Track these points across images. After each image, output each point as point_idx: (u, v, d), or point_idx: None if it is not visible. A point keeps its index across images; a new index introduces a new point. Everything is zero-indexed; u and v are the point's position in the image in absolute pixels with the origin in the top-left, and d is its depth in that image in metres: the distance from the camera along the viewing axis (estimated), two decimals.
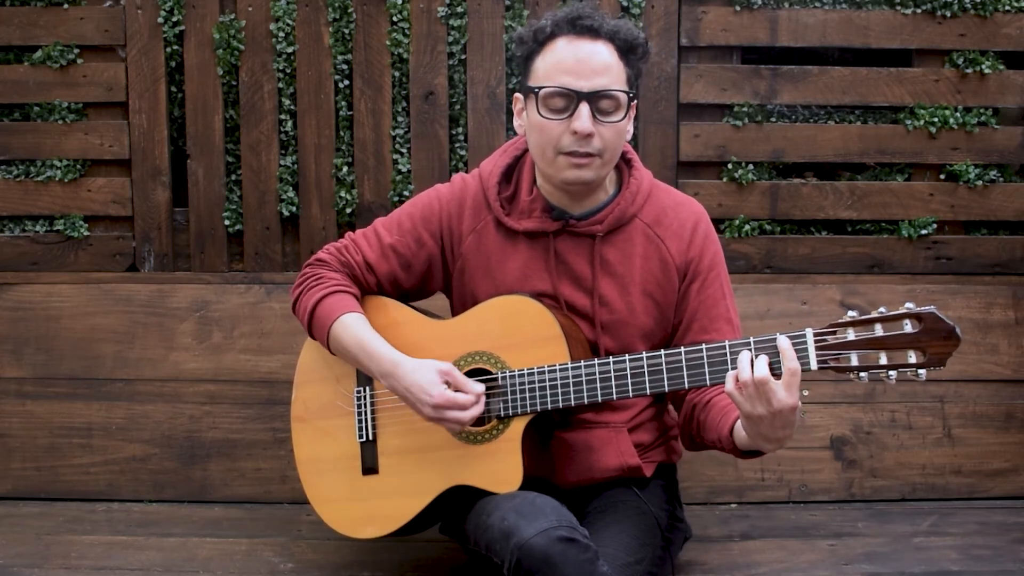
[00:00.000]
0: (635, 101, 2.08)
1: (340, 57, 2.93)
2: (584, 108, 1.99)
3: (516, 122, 2.14)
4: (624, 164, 2.19)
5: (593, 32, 2.01)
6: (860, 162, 2.96)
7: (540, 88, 2.02)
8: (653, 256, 2.15)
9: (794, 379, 1.79)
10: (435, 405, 2.00)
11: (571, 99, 2.00)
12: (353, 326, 2.11)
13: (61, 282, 2.95)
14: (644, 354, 1.97)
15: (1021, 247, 2.96)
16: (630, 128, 2.11)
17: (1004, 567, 2.31)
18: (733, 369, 1.85)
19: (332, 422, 2.20)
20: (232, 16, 2.93)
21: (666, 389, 1.96)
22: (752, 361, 1.81)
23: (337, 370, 2.20)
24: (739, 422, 1.93)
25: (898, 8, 2.90)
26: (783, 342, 1.82)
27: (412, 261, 2.21)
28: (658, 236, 2.15)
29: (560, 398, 2.00)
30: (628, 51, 2.04)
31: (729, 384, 1.83)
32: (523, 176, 2.18)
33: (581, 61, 2.00)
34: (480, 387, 2.02)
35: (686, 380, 1.94)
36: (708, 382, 1.92)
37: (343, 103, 2.97)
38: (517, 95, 2.13)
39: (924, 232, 2.94)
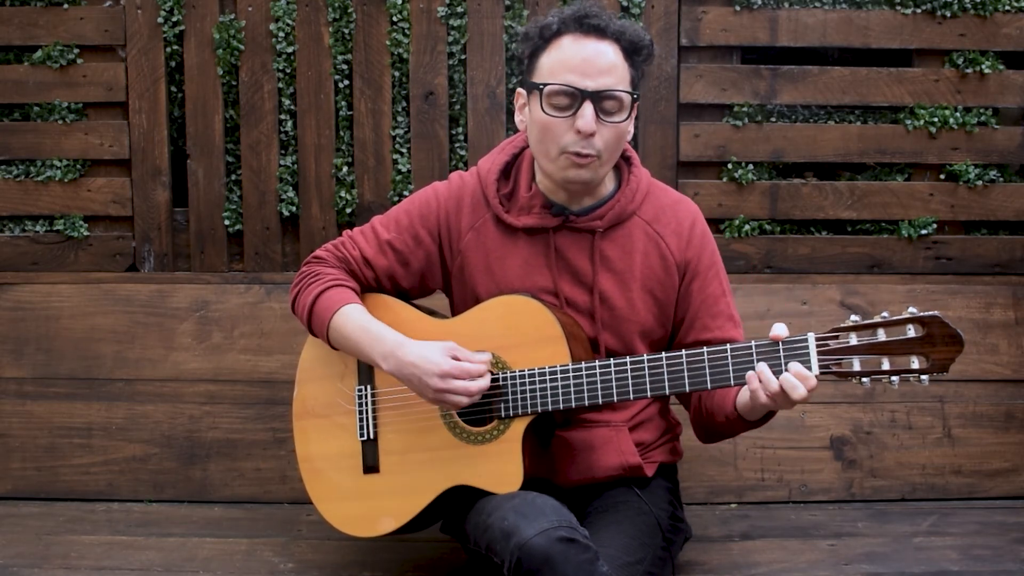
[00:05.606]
0: (637, 102, 2.08)
1: (340, 57, 2.93)
2: (588, 107, 1.99)
3: (517, 117, 2.14)
4: (623, 162, 2.19)
5: (599, 31, 2.01)
6: (860, 162, 2.96)
7: (545, 85, 2.02)
8: (653, 253, 2.15)
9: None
10: (443, 373, 1.98)
11: (575, 98, 2.00)
12: (354, 314, 2.10)
13: (61, 282, 2.95)
14: (645, 356, 1.97)
15: (1021, 247, 2.96)
16: (631, 128, 2.11)
17: (1004, 567, 2.31)
18: (743, 380, 1.90)
19: (333, 420, 2.20)
20: (232, 16, 2.93)
21: (667, 392, 1.96)
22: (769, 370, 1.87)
23: (338, 368, 2.20)
24: (739, 400, 2.01)
25: (898, 8, 2.90)
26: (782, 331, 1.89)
27: (410, 258, 2.21)
28: (657, 233, 2.16)
29: (561, 399, 2.00)
30: (633, 52, 2.04)
31: (762, 397, 1.87)
32: (522, 173, 2.18)
33: (587, 60, 2.00)
34: (487, 355, 2.01)
35: (687, 383, 1.94)
36: (709, 386, 1.93)
37: (343, 103, 2.96)
38: (520, 90, 2.12)
39: (924, 232, 2.94)
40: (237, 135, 2.98)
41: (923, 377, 1.80)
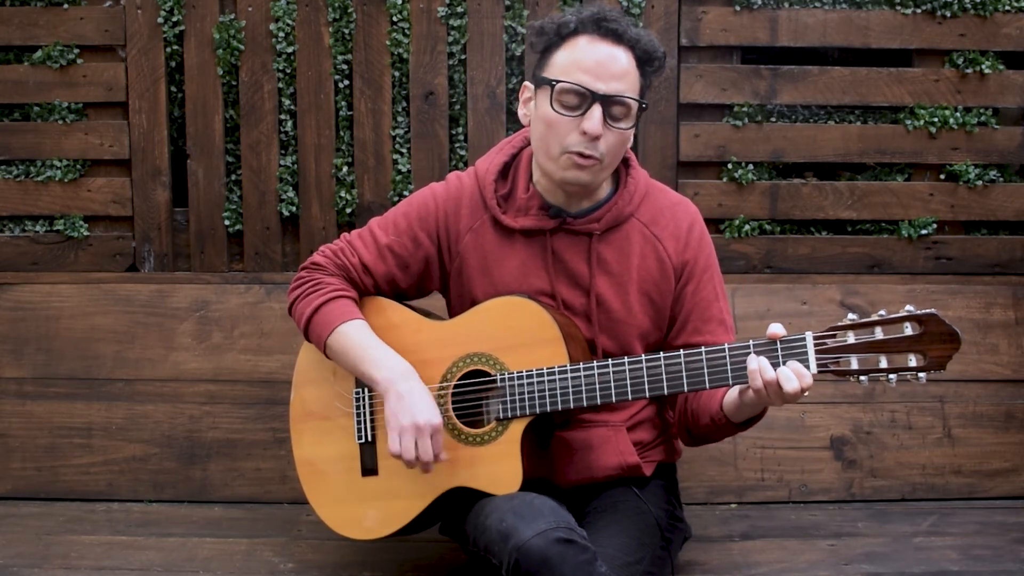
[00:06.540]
0: (645, 111, 2.08)
1: (340, 57, 2.93)
2: (597, 110, 1.99)
3: (521, 111, 2.14)
4: (621, 164, 2.19)
5: (616, 36, 2.01)
6: (860, 162, 2.96)
7: (557, 82, 2.01)
8: (650, 255, 2.15)
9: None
10: (419, 426, 1.99)
11: (586, 98, 2.00)
12: (353, 333, 2.10)
13: (61, 282, 2.95)
14: (643, 357, 1.97)
15: (1021, 247, 2.96)
16: (631, 136, 2.11)
17: (1004, 567, 2.31)
18: (743, 374, 1.89)
19: (331, 423, 2.20)
20: (232, 16, 2.93)
21: (665, 392, 1.96)
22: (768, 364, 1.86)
23: (336, 371, 2.20)
24: (727, 400, 2.01)
25: (898, 8, 2.90)
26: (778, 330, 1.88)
27: (409, 261, 2.20)
28: (655, 236, 2.16)
29: (559, 400, 2.00)
30: (646, 62, 2.04)
31: (757, 381, 1.85)
32: (520, 174, 2.18)
33: (601, 63, 1.99)
34: (444, 456, 2.03)
35: (685, 384, 1.94)
36: (707, 385, 1.93)
37: (343, 103, 2.97)
38: (527, 84, 2.12)
39: (924, 232, 2.94)
40: (237, 135, 2.98)
41: (921, 375, 1.80)
